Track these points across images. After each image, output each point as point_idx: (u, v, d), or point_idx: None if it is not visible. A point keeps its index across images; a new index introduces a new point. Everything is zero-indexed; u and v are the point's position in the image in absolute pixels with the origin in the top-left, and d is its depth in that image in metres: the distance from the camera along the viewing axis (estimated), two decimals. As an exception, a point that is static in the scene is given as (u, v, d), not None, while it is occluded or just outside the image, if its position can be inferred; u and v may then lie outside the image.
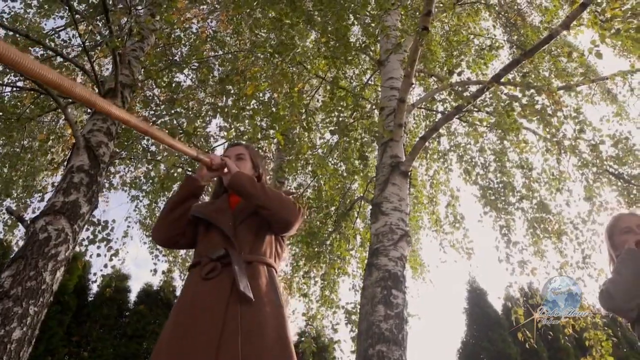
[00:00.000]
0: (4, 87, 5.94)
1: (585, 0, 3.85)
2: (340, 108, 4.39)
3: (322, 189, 5.84)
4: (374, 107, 4.98)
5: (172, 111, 4.63)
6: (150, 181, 6.21)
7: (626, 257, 2.26)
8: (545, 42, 3.95)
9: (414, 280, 7.24)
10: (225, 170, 2.09)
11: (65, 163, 4.76)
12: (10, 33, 4.61)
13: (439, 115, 5.65)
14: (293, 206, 2.00)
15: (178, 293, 3.78)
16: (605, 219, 6.08)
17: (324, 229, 5.56)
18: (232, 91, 4.16)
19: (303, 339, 5.57)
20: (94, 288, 9.93)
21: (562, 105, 3.99)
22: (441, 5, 5.69)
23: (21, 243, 4.60)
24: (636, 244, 2.25)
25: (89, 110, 5.81)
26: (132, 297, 10.68)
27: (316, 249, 5.42)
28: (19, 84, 5.89)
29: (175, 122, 4.74)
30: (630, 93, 5.38)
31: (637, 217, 2.48)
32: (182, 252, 7.15)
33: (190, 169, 4.97)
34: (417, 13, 5.84)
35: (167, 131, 4.65)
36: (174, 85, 5.19)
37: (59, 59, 5.68)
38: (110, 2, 5.18)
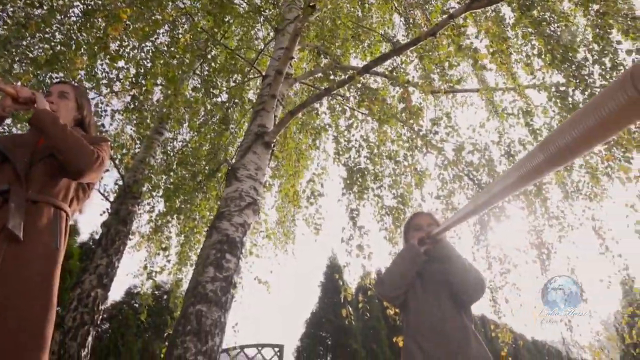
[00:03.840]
0: None
1: (453, 13, 4.11)
2: (211, 68, 4.31)
3: (196, 145, 5.76)
4: (250, 74, 4.95)
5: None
6: None
7: (404, 251, 2.51)
8: (413, 44, 4.17)
9: (280, 251, 7.44)
10: (36, 105, 2.01)
11: None
12: None
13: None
14: (90, 155, 1.97)
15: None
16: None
17: (190, 186, 5.50)
18: (95, 27, 3.90)
19: (145, 291, 5.57)
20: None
21: (411, 102, 4.26)
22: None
23: None
24: (418, 240, 2.49)
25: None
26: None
27: (177, 205, 5.36)
28: None
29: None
30: (493, 108, 5.85)
31: (430, 216, 2.73)
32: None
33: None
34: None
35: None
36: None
37: None
38: None
